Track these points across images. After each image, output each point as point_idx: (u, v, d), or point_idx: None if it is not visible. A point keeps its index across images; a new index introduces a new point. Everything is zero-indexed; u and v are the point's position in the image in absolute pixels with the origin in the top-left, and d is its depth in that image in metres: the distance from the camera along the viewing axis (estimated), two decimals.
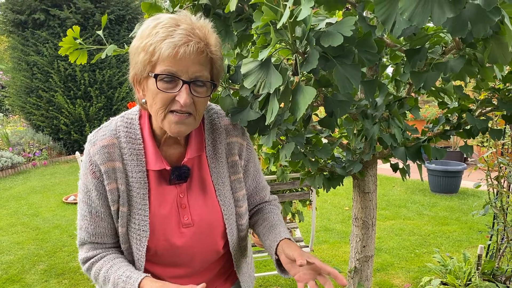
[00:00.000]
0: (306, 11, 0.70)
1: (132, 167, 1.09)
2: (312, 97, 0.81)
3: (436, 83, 1.25)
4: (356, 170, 1.69)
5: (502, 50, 0.99)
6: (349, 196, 5.68)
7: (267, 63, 0.91)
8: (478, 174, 4.62)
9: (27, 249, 4.23)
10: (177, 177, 1.11)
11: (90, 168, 1.08)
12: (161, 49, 0.94)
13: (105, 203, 1.10)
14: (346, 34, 0.80)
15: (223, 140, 1.18)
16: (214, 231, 1.16)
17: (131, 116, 1.13)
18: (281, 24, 0.73)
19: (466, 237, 4.22)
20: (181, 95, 0.97)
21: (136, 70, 1.01)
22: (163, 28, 0.95)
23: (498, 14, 0.79)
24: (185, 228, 1.12)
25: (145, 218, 1.09)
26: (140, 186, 1.09)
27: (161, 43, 0.94)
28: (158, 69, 0.96)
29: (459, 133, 1.64)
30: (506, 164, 2.80)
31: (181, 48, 0.94)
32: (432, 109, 7.87)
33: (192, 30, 0.96)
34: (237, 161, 1.20)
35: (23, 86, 9.39)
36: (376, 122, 1.43)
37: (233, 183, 1.20)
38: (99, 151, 1.07)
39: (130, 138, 1.10)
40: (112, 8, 9.48)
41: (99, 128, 1.13)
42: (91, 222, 1.12)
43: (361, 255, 1.94)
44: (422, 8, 0.77)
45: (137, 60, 1.00)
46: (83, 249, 1.15)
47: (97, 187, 1.08)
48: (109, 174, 1.07)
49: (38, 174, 7.76)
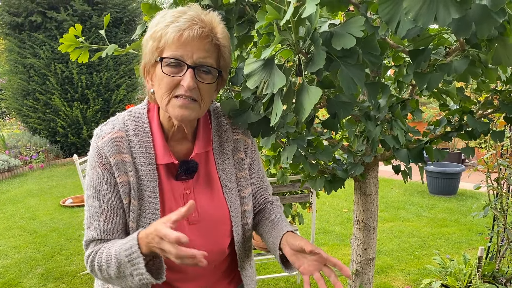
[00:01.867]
0: (311, 9, 0.68)
1: (141, 160, 1.08)
2: (318, 97, 0.80)
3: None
4: (357, 172, 1.68)
5: (506, 51, 0.97)
6: (347, 198, 5.67)
7: (270, 63, 0.90)
8: (477, 176, 4.62)
9: (24, 253, 4.20)
10: (185, 171, 1.10)
11: (99, 161, 1.06)
12: (167, 34, 0.97)
13: (117, 195, 1.07)
14: (356, 35, 0.79)
15: (230, 137, 1.19)
16: (220, 228, 1.15)
17: (139, 111, 1.13)
18: (285, 22, 0.72)
19: (465, 239, 4.21)
20: (185, 79, 0.98)
21: (145, 60, 1.04)
22: (171, 16, 0.99)
23: (503, 15, 0.78)
24: (192, 225, 1.11)
25: (156, 211, 1.07)
26: (150, 179, 1.08)
27: (167, 28, 0.97)
28: (164, 54, 0.99)
29: (460, 135, 1.63)
30: (506, 165, 2.80)
31: (185, 31, 0.96)
32: (429, 111, 7.88)
33: (198, 16, 0.99)
34: (243, 158, 1.21)
35: (19, 88, 9.34)
36: (378, 123, 1.42)
37: (239, 181, 1.20)
38: (108, 143, 1.06)
39: (138, 131, 1.09)
40: (109, 11, 9.46)
41: (106, 122, 1.12)
42: (101, 218, 1.07)
43: (363, 257, 1.93)
44: (427, 9, 0.75)
45: (146, 50, 1.03)
46: (89, 247, 1.10)
47: (108, 179, 1.06)
48: (119, 167, 1.06)
49: (35, 177, 7.72)
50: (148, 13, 1.39)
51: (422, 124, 6.68)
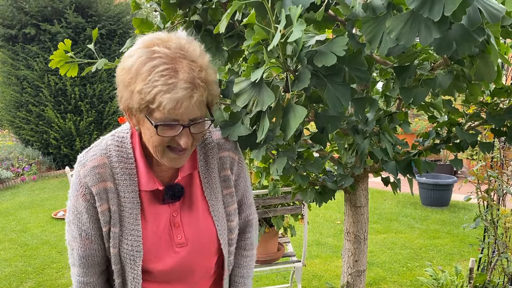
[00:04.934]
0: (298, 33, 0.71)
1: (124, 187, 1.07)
2: (303, 116, 0.82)
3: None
4: (347, 184, 1.70)
5: (488, 68, 1.01)
6: (341, 210, 5.68)
7: (259, 82, 0.92)
8: (469, 187, 4.65)
9: (14, 266, 4.15)
10: (171, 196, 1.10)
11: (80, 191, 1.06)
12: (163, 103, 0.90)
13: (96, 225, 1.08)
14: (339, 54, 0.82)
15: (215, 154, 1.17)
16: (208, 248, 1.15)
17: (122, 135, 1.11)
18: (273, 46, 0.74)
19: (457, 250, 4.23)
20: (181, 138, 0.97)
21: (130, 105, 0.97)
22: (161, 77, 0.91)
23: (482, 34, 0.81)
24: (179, 248, 1.11)
25: (138, 238, 1.08)
26: (132, 206, 1.08)
27: (162, 95, 0.90)
28: (157, 114, 0.94)
29: (448, 147, 1.66)
30: (495, 177, 2.83)
31: (184, 102, 0.91)
32: (422, 123, 7.94)
33: (193, 79, 0.92)
34: (229, 175, 1.20)
35: (12, 100, 9.31)
36: (366, 136, 1.45)
37: (225, 198, 1.19)
38: (90, 172, 1.06)
39: (122, 157, 1.08)
40: (103, 23, 9.49)
41: (89, 148, 1.11)
42: (81, 245, 1.09)
43: (354, 269, 1.94)
44: (409, 28, 0.78)
45: (131, 98, 0.96)
46: (75, 270, 1.13)
47: (88, 209, 1.07)
48: (101, 195, 1.06)
49: (27, 189, 7.66)
50: (139, 28, 1.41)
51: (413, 136, 6.73)
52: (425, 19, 0.74)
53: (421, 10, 0.71)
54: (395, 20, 0.77)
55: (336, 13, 1.05)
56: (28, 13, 8.98)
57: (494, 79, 1.00)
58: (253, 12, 0.79)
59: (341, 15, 1.09)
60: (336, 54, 0.82)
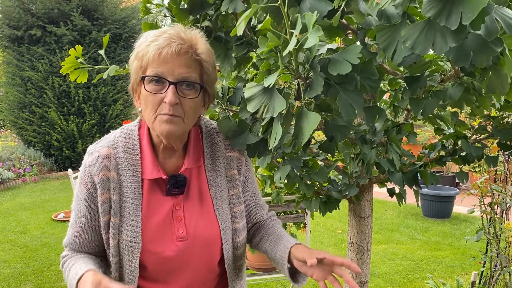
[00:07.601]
0: (314, 40, 0.70)
1: (127, 177, 1.10)
2: (317, 123, 0.82)
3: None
4: (352, 193, 1.69)
5: (500, 81, 1.00)
6: (342, 219, 5.66)
7: (271, 88, 0.92)
8: (471, 200, 4.64)
9: (13, 268, 4.13)
10: (173, 185, 1.11)
11: (83, 179, 1.11)
12: (148, 53, 1.01)
13: (91, 215, 1.12)
14: (353, 62, 0.81)
15: (222, 153, 1.19)
16: (209, 246, 1.15)
17: (131, 128, 1.16)
18: (288, 51, 0.73)
19: (459, 263, 4.20)
20: (167, 95, 1.01)
21: (132, 79, 1.08)
22: (152, 36, 1.03)
23: (500, 45, 0.80)
24: (180, 242, 1.11)
25: (137, 229, 1.09)
26: (133, 197, 1.10)
27: (148, 47, 1.01)
28: (147, 72, 1.03)
29: (454, 160, 1.65)
30: (499, 191, 2.81)
31: (164, 49, 0.99)
32: (424, 134, 7.93)
33: (177, 34, 1.03)
34: (236, 175, 1.21)
35: (16, 101, 9.34)
36: (374, 147, 1.44)
37: (231, 198, 1.20)
38: (95, 161, 1.10)
39: (128, 148, 1.12)
40: (109, 26, 9.54)
41: (100, 140, 1.16)
42: (74, 231, 1.15)
43: (356, 280, 1.92)
44: (425, 37, 0.77)
45: (132, 70, 1.07)
46: (66, 249, 1.21)
47: (86, 198, 1.11)
48: (103, 184, 1.09)
49: (27, 190, 7.65)
50: None
51: (416, 146, 6.72)
52: (441, 28, 0.73)
53: (438, 19, 0.71)
54: (410, 29, 0.76)
55: (348, 22, 1.05)
56: (34, 14, 9.04)
57: (507, 91, 0.99)
58: (268, 17, 0.79)
59: (353, 24, 1.09)
60: (350, 62, 0.81)
